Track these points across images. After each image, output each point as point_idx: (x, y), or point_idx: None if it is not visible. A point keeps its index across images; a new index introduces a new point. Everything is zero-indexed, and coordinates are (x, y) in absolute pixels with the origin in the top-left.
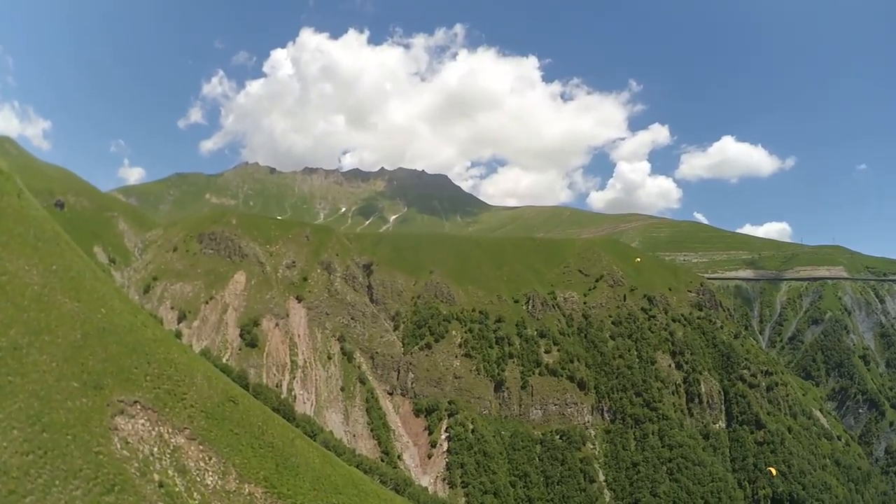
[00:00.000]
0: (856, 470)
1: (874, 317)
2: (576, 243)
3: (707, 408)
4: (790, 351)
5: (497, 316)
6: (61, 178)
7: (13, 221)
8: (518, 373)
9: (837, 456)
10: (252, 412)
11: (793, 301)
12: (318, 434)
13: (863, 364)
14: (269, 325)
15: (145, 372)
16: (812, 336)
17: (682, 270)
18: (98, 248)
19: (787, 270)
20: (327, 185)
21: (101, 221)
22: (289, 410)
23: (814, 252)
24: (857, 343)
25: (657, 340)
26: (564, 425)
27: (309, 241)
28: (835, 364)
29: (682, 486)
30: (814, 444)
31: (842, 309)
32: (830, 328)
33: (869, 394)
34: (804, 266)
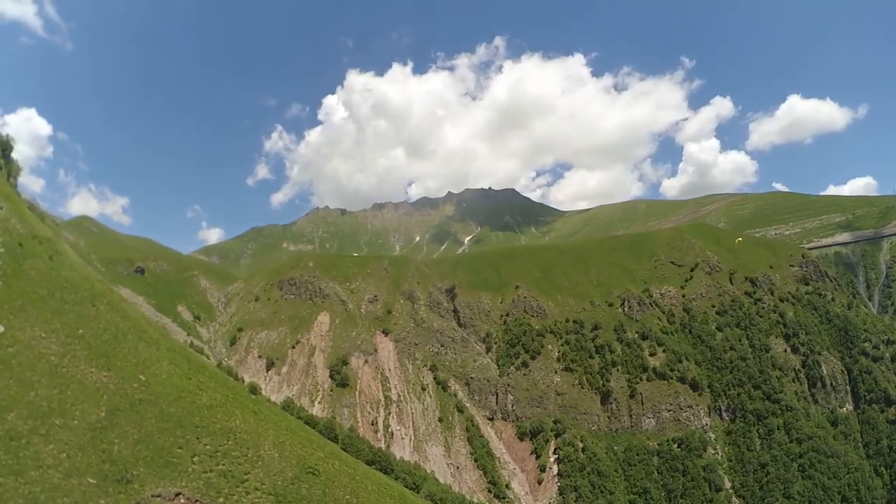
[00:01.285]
0: None
1: None
2: (662, 234)
3: (832, 391)
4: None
5: (593, 323)
6: (141, 247)
7: (36, 285)
8: (624, 381)
9: None
10: (338, 480)
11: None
12: (423, 484)
13: None
14: (359, 363)
15: (193, 451)
16: None
17: (780, 245)
18: (182, 307)
19: (885, 226)
20: (398, 218)
21: (182, 282)
22: (385, 460)
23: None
24: None
25: (767, 325)
26: (681, 432)
27: (388, 274)
28: None
29: (816, 483)
30: None
31: None
32: None
33: None
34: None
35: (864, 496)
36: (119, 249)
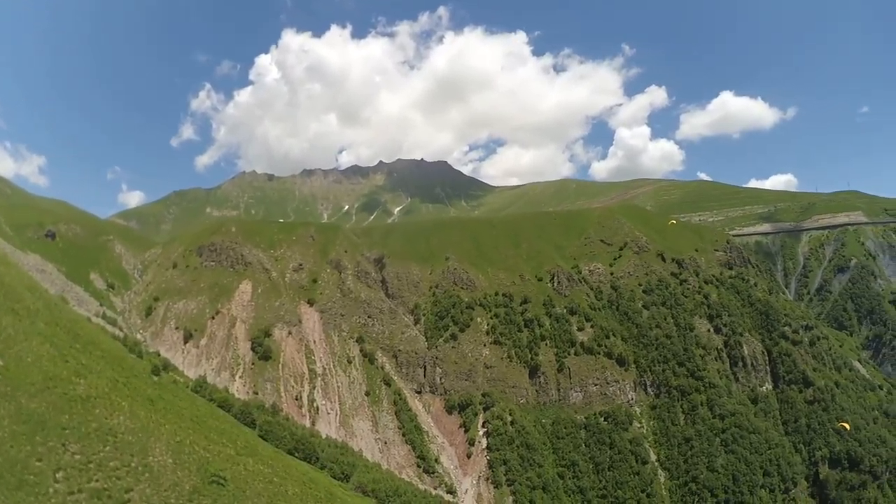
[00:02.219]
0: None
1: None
2: (594, 213)
3: (752, 371)
4: (819, 302)
5: (522, 297)
6: (54, 209)
7: None
8: (552, 355)
9: (885, 406)
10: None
11: (815, 251)
12: (352, 472)
13: (894, 309)
14: (282, 335)
15: (57, 464)
16: (840, 285)
17: (706, 230)
18: (95, 275)
19: (805, 221)
20: (327, 185)
21: (96, 248)
22: (309, 447)
23: (830, 199)
24: (886, 288)
25: (692, 305)
26: (608, 406)
27: (314, 241)
28: (866, 311)
29: (738, 458)
30: (862, 396)
31: (866, 254)
32: (857, 275)
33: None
34: (822, 214)
35: (784, 471)
36: (31, 213)
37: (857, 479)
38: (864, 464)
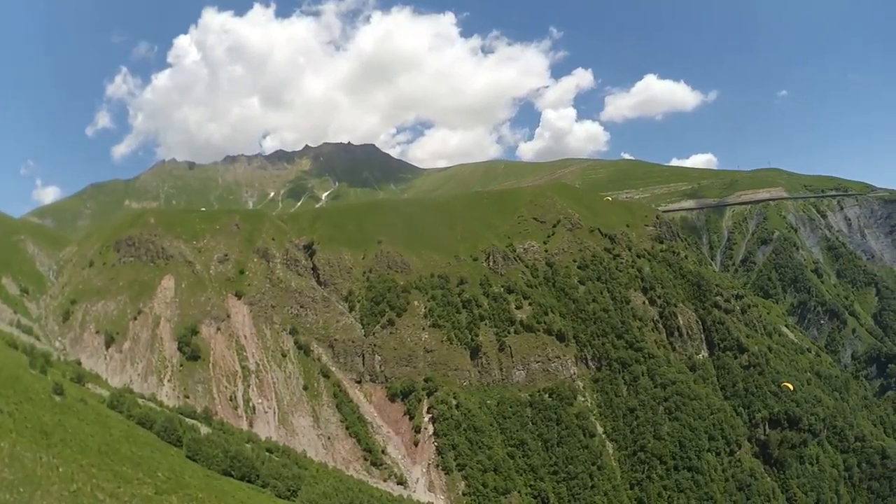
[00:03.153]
0: (834, 379)
1: (819, 232)
2: (525, 191)
3: (688, 339)
4: (744, 273)
5: (459, 278)
6: None
7: None
8: (493, 335)
9: (817, 368)
10: None
11: (739, 225)
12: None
13: (816, 277)
14: (210, 332)
15: None
16: (763, 256)
17: (636, 206)
18: (7, 279)
19: (728, 196)
20: (251, 172)
21: (7, 249)
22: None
23: (752, 176)
24: (808, 258)
25: (627, 279)
26: (551, 382)
27: (240, 230)
28: (790, 280)
29: (683, 424)
30: (794, 359)
31: (788, 227)
32: (780, 246)
33: (827, 304)
34: (744, 190)
35: (728, 434)
36: None
37: (797, 438)
38: (803, 422)
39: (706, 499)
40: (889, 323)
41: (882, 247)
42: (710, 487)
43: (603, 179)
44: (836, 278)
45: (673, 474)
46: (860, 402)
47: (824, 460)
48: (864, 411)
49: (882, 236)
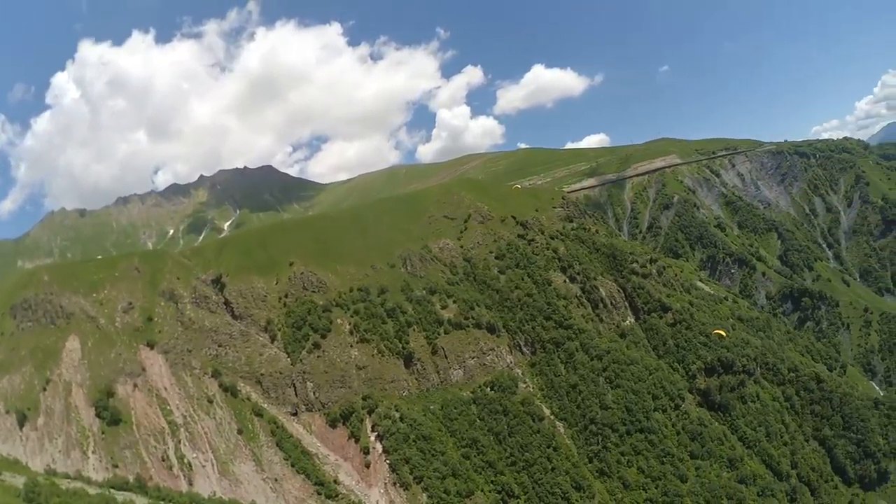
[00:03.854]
0: (755, 320)
1: (716, 190)
2: (433, 191)
3: (613, 309)
4: (652, 238)
5: (379, 287)
6: None
7: None
8: (423, 339)
9: (737, 313)
10: None
11: (640, 195)
12: None
13: (720, 231)
14: (127, 390)
15: None
16: (668, 220)
17: (541, 191)
18: None
19: (626, 170)
20: (147, 211)
21: None
22: None
23: (645, 148)
24: (709, 215)
25: (544, 261)
26: (490, 375)
27: (141, 274)
28: (696, 238)
29: (625, 389)
30: (714, 309)
31: (686, 190)
32: (682, 209)
33: (735, 254)
34: (640, 162)
35: (669, 390)
36: None
37: (734, 381)
38: (737, 365)
39: (664, 455)
40: (794, 262)
41: (776, 195)
42: (665, 443)
43: (504, 171)
44: (738, 229)
45: (627, 439)
46: (784, 336)
47: (764, 396)
48: (789, 344)
49: (774, 185)
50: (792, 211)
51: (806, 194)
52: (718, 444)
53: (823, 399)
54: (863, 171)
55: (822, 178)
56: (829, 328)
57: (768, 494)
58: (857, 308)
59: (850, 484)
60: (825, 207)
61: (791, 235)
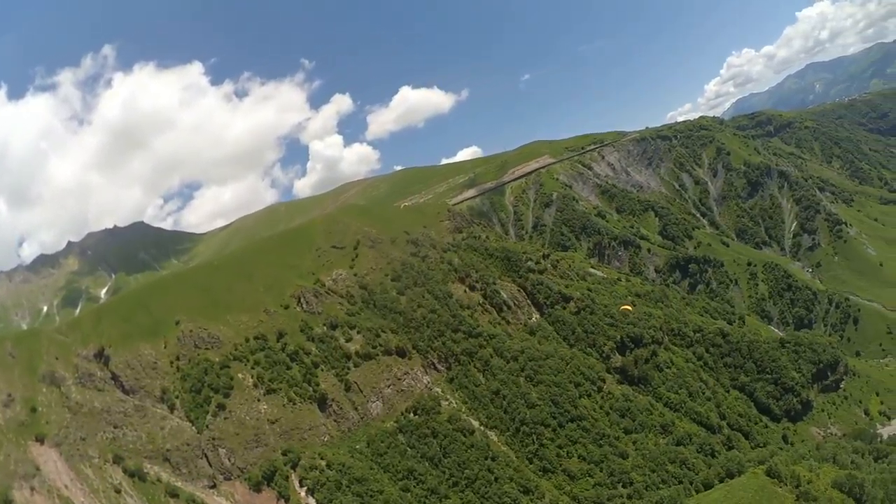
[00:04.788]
0: (652, 293)
1: (590, 182)
2: (317, 222)
3: (518, 309)
4: (539, 237)
5: (277, 332)
6: None
7: None
8: (333, 378)
9: (634, 290)
10: None
11: (520, 197)
12: None
13: (601, 219)
14: (25, 495)
15: None
16: (550, 217)
17: (426, 206)
18: None
19: (503, 176)
20: (16, 288)
21: None
22: None
23: (519, 153)
24: (588, 206)
25: (441, 275)
26: (410, 400)
27: (16, 359)
28: (580, 229)
29: (547, 384)
30: (612, 291)
31: (563, 186)
32: (562, 204)
33: (619, 237)
34: (516, 166)
35: (589, 375)
36: None
37: (647, 352)
38: (645, 337)
39: (600, 438)
40: (674, 234)
41: (646, 177)
42: (598, 426)
43: (385, 193)
44: (617, 214)
45: (560, 432)
46: (681, 303)
47: (678, 360)
48: (687, 309)
49: (643, 169)
50: (663, 189)
51: (673, 172)
52: (648, 415)
53: (733, 350)
54: (722, 144)
55: (685, 156)
56: (719, 287)
57: (707, 450)
58: (741, 264)
59: (778, 420)
60: (693, 181)
61: (667, 211)
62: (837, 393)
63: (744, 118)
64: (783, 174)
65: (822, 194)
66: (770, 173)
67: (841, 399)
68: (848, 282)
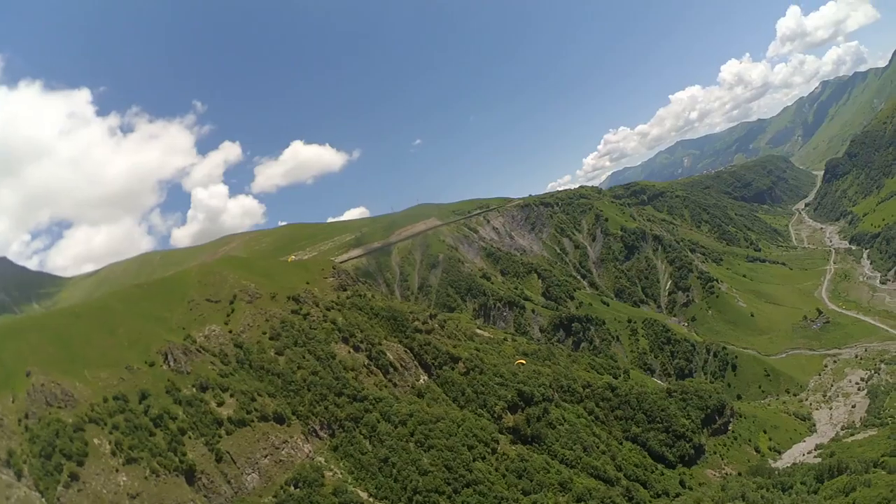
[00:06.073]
0: (538, 352)
1: (476, 244)
2: (192, 272)
3: (404, 371)
4: (424, 297)
5: (139, 392)
6: None
7: None
8: (203, 446)
9: (521, 350)
10: None
11: (407, 258)
12: None
13: (486, 281)
14: None
15: None
16: (436, 278)
17: (311, 262)
18: None
19: (390, 236)
20: None
21: None
22: None
23: (407, 215)
24: (474, 268)
25: (324, 334)
26: (290, 471)
27: None
28: (466, 290)
29: (439, 448)
30: (499, 350)
31: (449, 248)
32: (448, 266)
33: (504, 299)
34: (403, 228)
35: (481, 436)
36: None
37: (538, 410)
38: (536, 395)
39: (499, 501)
40: (556, 295)
41: (529, 241)
42: (495, 489)
43: (269, 248)
44: (502, 276)
45: (456, 498)
46: (567, 360)
47: (569, 416)
48: (574, 366)
49: (526, 234)
50: (546, 253)
51: (555, 237)
52: (545, 474)
53: (622, 403)
54: (600, 211)
55: (566, 222)
56: (602, 343)
57: (608, 503)
58: (621, 321)
59: (673, 466)
60: (573, 245)
61: (549, 273)
62: (727, 435)
63: (620, 188)
64: (657, 238)
65: (694, 255)
66: (645, 237)
67: (731, 440)
68: (722, 332)
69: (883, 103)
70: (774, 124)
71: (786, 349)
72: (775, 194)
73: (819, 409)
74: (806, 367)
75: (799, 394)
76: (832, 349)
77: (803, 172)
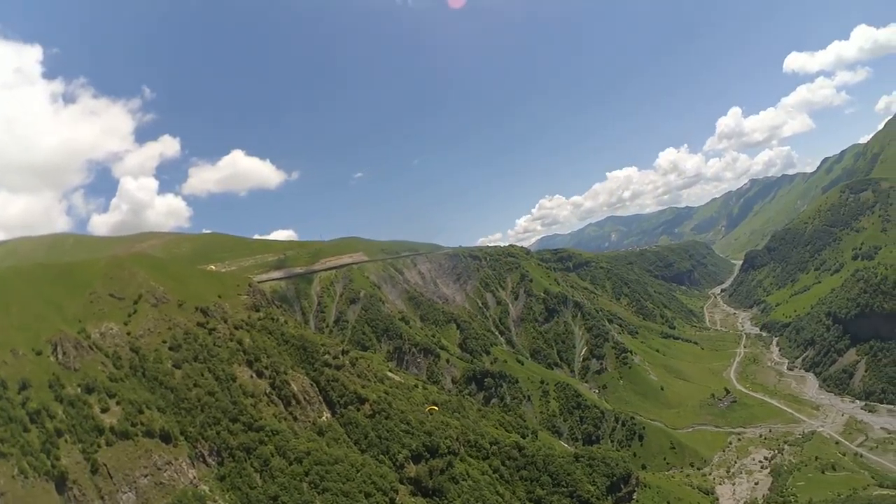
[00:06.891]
0: (448, 403)
1: (399, 286)
2: (100, 263)
3: (307, 404)
4: (339, 332)
5: (20, 381)
6: None
7: None
8: (79, 453)
9: (431, 399)
10: None
11: (327, 289)
12: None
13: (404, 324)
14: None
15: None
16: (354, 314)
17: (227, 276)
18: None
19: (314, 264)
20: None
21: None
22: None
23: (334, 244)
24: (394, 309)
25: (228, 353)
26: (169, 497)
27: None
28: (382, 331)
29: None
30: (409, 396)
31: (372, 286)
32: (368, 303)
33: (420, 345)
34: (329, 257)
35: (380, 484)
36: None
37: (442, 463)
38: (441, 447)
39: None
40: (472, 348)
41: (452, 291)
42: None
43: (188, 253)
44: (420, 322)
45: None
46: (477, 414)
47: (473, 472)
48: (483, 420)
49: (451, 283)
50: (467, 305)
51: (479, 290)
52: None
53: (528, 464)
54: (526, 271)
55: (492, 277)
56: (512, 402)
57: None
58: (534, 381)
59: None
60: (496, 301)
61: (468, 325)
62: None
63: (548, 252)
64: (578, 304)
65: (612, 325)
66: (566, 302)
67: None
68: (632, 403)
69: (806, 205)
70: (701, 212)
71: (692, 424)
72: (694, 277)
73: (722, 483)
74: (711, 443)
75: (703, 468)
76: (737, 427)
77: (722, 260)
